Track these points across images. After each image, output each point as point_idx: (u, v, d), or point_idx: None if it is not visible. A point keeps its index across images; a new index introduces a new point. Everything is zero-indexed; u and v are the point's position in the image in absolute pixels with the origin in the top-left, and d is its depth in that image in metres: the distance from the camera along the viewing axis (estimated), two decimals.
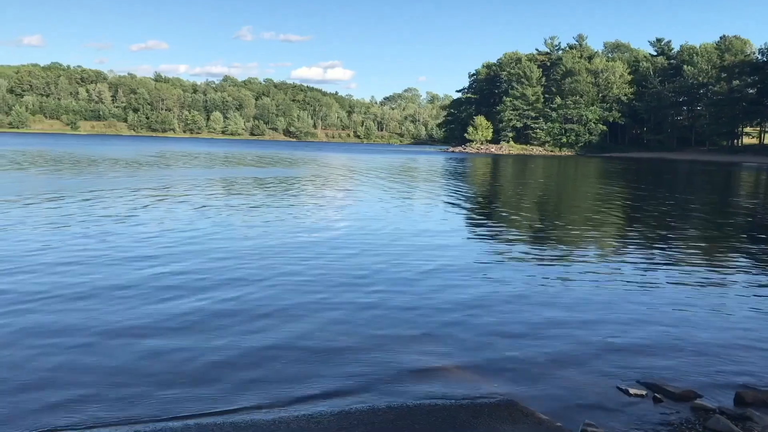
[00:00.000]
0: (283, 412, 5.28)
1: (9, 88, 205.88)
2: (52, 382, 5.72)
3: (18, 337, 6.82)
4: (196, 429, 4.96)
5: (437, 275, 10.40)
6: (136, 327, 7.26)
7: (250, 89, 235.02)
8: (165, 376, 5.91)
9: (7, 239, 12.64)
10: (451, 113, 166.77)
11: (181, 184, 27.44)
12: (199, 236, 13.54)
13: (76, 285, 9.00)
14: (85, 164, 40.70)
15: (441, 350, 6.86)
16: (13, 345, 6.59)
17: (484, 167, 60.60)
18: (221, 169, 41.98)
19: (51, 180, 27.78)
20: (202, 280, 9.51)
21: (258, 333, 7.20)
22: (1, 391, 5.50)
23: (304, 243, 13.17)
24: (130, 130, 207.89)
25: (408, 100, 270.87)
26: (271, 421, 5.13)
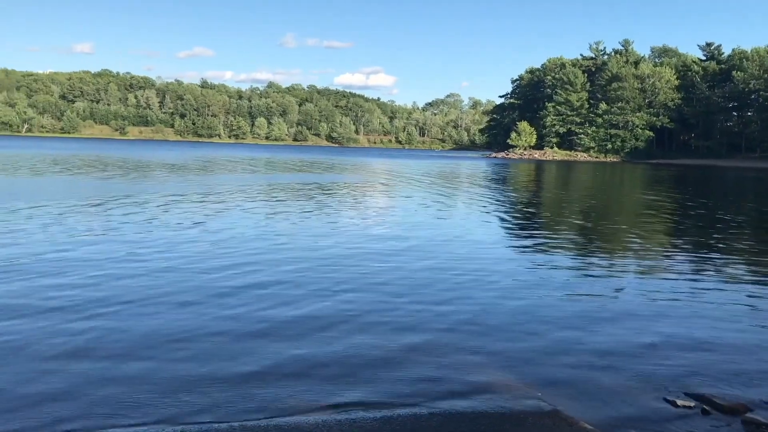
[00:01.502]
0: (327, 416, 5.31)
1: (61, 94, 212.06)
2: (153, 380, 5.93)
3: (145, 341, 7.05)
4: (240, 431, 5.04)
5: (479, 283, 10.36)
6: (208, 332, 7.41)
7: (293, 95, 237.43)
8: (217, 380, 6.03)
9: (104, 243, 12.96)
10: (494, 119, 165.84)
11: (238, 189, 27.85)
12: (265, 244, 13.70)
13: (167, 293, 9.14)
14: (146, 169, 41.74)
15: (484, 358, 6.84)
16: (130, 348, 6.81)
17: (528, 173, 60.09)
18: (270, 175, 42.46)
19: (120, 185, 28.49)
20: (270, 288, 9.62)
21: (309, 339, 7.27)
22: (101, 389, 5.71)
23: (355, 252, 13.23)
24: (177, 135, 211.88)
25: (450, 106, 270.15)
26: (314, 424, 5.16)
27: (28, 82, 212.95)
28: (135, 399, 5.55)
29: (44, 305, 8.16)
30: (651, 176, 60.28)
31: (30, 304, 8.23)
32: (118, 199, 21.77)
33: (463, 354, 6.94)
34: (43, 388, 5.70)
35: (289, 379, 6.08)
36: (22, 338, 6.94)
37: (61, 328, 7.30)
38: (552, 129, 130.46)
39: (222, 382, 5.95)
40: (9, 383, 5.77)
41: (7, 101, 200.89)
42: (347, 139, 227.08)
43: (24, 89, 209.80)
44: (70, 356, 6.49)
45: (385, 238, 14.80)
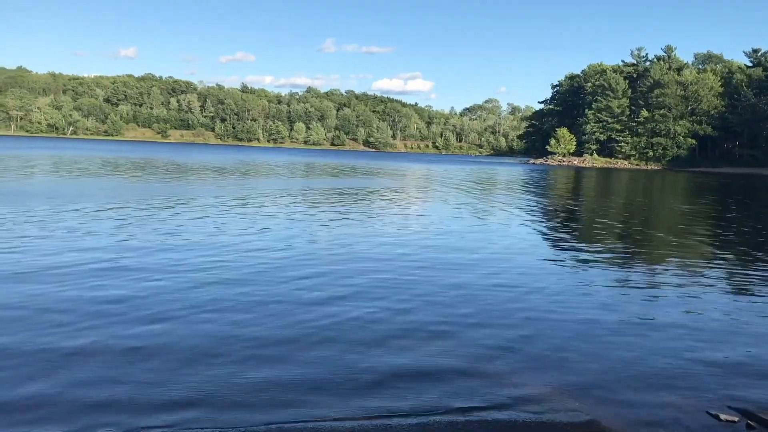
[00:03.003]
0: (364, 420, 5.39)
1: (105, 97, 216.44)
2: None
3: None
4: (277, 429, 5.16)
5: (516, 292, 10.39)
6: (278, 339, 7.61)
7: (332, 100, 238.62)
8: (269, 383, 6.22)
9: (180, 250, 13.28)
10: (533, 125, 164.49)
11: (288, 194, 28.20)
12: (321, 248, 13.99)
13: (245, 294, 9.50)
14: (194, 172, 42.46)
15: (522, 368, 6.86)
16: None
17: (568, 180, 59.49)
18: (313, 179, 42.84)
19: (175, 188, 29.08)
20: (326, 292, 9.85)
21: (357, 347, 7.41)
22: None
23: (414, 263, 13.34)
24: (217, 139, 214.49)
25: (488, 111, 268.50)
26: (350, 428, 5.25)
27: (74, 86, 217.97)
28: (203, 398, 5.78)
29: (138, 313, 8.37)
30: (694, 185, 59.21)
31: (136, 312, 8.52)
32: (181, 202, 22.40)
33: (501, 363, 6.96)
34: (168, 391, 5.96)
35: (330, 384, 6.20)
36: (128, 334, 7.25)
37: (174, 331, 7.61)
38: (592, 136, 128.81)
39: (270, 385, 6.13)
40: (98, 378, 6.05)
41: (53, 104, 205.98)
42: (384, 144, 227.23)
43: (70, 92, 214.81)
44: (192, 361, 6.75)
45: (446, 249, 14.81)
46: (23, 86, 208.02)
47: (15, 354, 6.66)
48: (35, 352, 6.75)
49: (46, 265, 10.90)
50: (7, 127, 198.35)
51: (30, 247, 12.57)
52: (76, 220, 16.52)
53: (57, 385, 5.91)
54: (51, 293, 9.05)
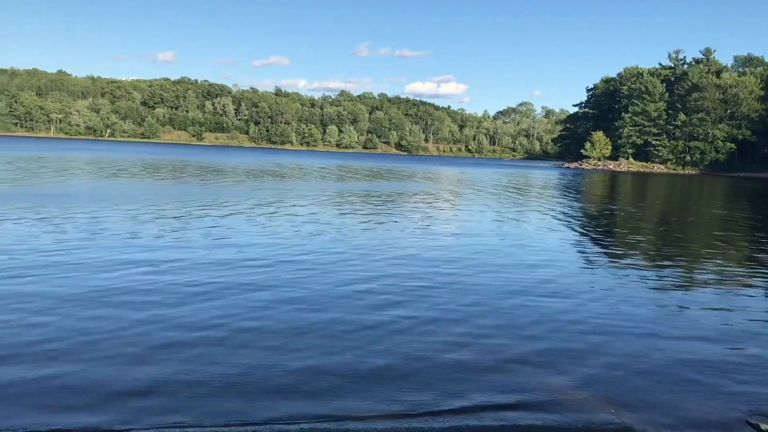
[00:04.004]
0: (395, 422, 5.40)
1: (142, 100, 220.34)
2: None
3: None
4: (308, 428, 5.18)
5: (553, 296, 10.31)
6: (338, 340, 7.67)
7: (364, 103, 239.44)
8: (298, 385, 6.25)
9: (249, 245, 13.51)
10: (567, 128, 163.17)
11: (323, 197, 28.44)
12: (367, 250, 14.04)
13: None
14: (235, 175, 43.01)
15: (556, 372, 6.80)
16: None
17: (604, 185, 58.82)
18: (349, 183, 43.08)
19: (219, 190, 29.52)
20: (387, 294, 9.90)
21: (391, 346, 7.43)
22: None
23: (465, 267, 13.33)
24: (251, 142, 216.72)
25: (522, 115, 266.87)
26: (383, 429, 5.26)
27: (111, 89, 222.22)
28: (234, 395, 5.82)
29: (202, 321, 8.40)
30: (733, 190, 58.05)
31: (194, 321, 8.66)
32: (226, 205, 22.74)
33: (534, 368, 6.91)
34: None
35: (378, 381, 6.26)
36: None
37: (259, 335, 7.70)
38: (628, 140, 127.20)
39: (333, 380, 6.18)
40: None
41: (92, 107, 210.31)
42: (416, 148, 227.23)
43: (108, 95, 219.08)
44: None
45: (489, 253, 14.74)
46: (63, 89, 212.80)
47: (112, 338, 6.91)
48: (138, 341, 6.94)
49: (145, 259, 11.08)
50: (47, 129, 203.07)
51: (130, 243, 13.08)
52: (131, 222, 16.84)
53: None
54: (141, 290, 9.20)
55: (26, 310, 8.12)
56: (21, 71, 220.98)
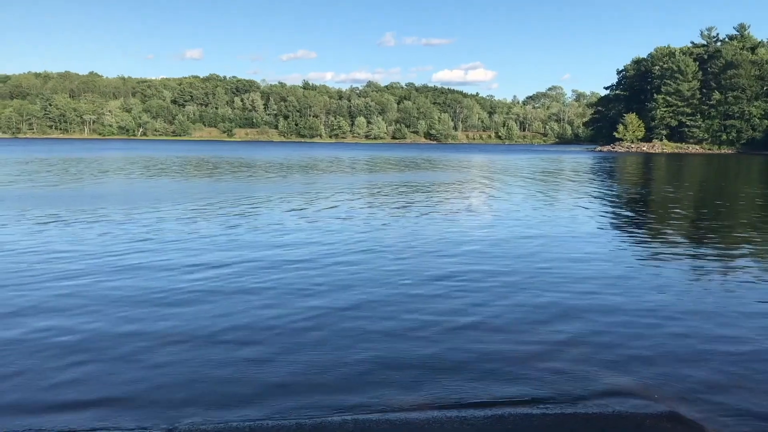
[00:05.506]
0: (437, 412, 5.41)
1: (173, 98, 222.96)
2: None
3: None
4: (353, 424, 5.20)
5: (590, 282, 10.22)
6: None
7: (392, 93, 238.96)
8: (350, 375, 6.32)
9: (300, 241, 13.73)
10: (599, 111, 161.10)
11: (359, 188, 28.58)
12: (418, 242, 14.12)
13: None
14: (270, 169, 43.40)
15: (597, 358, 6.76)
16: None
17: (638, 167, 57.99)
18: (379, 174, 43.16)
19: (258, 184, 29.87)
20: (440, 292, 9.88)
21: (439, 339, 7.44)
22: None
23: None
24: (281, 136, 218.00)
25: (552, 99, 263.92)
26: (425, 421, 5.25)
27: (142, 88, 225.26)
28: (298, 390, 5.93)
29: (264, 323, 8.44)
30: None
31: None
32: (270, 199, 23.00)
33: (576, 356, 6.84)
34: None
35: (429, 373, 6.26)
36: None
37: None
38: (662, 121, 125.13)
39: (349, 377, 6.23)
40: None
41: (123, 107, 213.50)
42: (445, 136, 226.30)
43: (139, 95, 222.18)
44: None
45: (527, 242, 14.72)
46: (95, 91, 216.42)
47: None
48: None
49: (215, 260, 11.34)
50: (80, 130, 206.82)
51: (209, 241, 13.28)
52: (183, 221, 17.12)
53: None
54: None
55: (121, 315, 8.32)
56: (54, 74, 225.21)
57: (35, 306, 8.32)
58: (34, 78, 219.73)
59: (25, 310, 8.15)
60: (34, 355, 6.58)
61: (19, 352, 6.66)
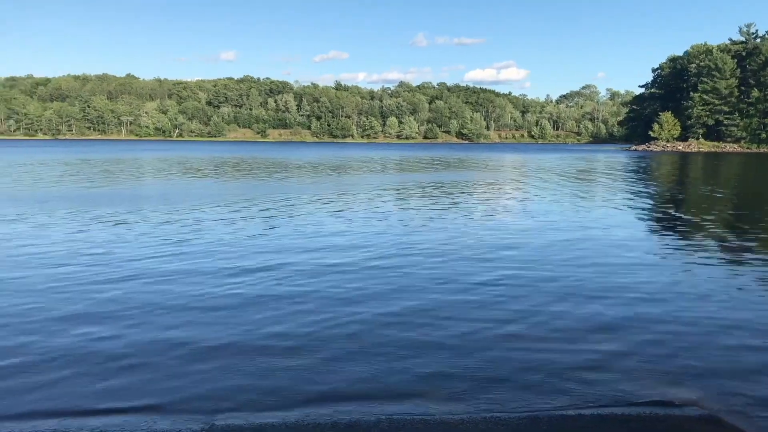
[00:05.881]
0: (472, 413, 5.45)
1: (208, 100, 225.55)
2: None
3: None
4: (387, 423, 5.23)
5: (634, 289, 10.02)
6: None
7: (424, 93, 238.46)
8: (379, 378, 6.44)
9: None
10: (633, 110, 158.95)
11: (395, 188, 28.74)
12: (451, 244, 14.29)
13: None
14: (307, 169, 43.79)
15: (637, 362, 6.71)
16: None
17: (674, 167, 57.14)
18: (413, 174, 43.21)
19: (297, 184, 30.32)
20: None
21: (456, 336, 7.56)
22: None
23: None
24: (313, 136, 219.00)
25: (586, 98, 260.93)
26: (459, 421, 5.28)
27: (178, 90, 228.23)
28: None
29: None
30: None
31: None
32: (309, 200, 23.24)
33: (623, 368, 6.69)
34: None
35: (495, 379, 6.30)
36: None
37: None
38: (698, 120, 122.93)
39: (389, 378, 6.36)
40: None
41: (160, 108, 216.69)
42: (478, 135, 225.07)
43: (175, 97, 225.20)
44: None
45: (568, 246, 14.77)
46: (132, 92, 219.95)
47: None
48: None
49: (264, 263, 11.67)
50: (118, 131, 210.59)
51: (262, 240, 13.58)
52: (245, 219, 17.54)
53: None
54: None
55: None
56: (92, 77, 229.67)
57: (79, 311, 8.47)
58: (74, 80, 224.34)
59: (70, 315, 8.30)
60: (76, 359, 6.74)
61: (64, 356, 6.78)
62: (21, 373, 6.28)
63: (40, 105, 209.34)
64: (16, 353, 6.81)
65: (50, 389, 5.95)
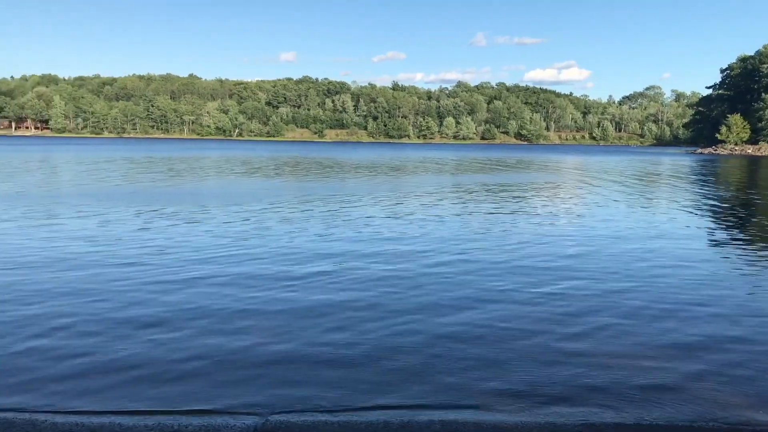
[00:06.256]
0: (527, 417, 5.34)
1: (267, 100, 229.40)
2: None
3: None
4: (439, 425, 5.13)
5: (709, 305, 9.50)
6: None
7: (482, 93, 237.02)
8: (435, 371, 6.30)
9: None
10: (700, 112, 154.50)
11: (454, 190, 28.63)
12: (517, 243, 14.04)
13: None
14: (366, 169, 44.15)
15: (717, 379, 6.42)
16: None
17: (743, 171, 55.08)
18: (471, 175, 42.97)
19: (358, 183, 30.55)
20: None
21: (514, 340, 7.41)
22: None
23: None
24: (369, 137, 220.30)
25: (650, 99, 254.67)
26: (513, 425, 5.17)
27: (238, 90, 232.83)
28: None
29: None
30: None
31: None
32: (380, 200, 23.42)
33: (692, 376, 6.49)
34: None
35: (552, 388, 6.15)
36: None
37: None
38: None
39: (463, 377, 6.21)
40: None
41: (221, 108, 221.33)
42: (537, 136, 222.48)
43: (235, 97, 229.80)
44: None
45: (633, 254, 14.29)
46: (194, 92, 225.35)
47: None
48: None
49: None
50: (180, 130, 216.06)
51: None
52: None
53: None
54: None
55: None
56: (156, 77, 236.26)
57: (142, 312, 8.57)
58: (138, 80, 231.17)
59: (133, 316, 8.41)
60: (139, 360, 6.84)
61: (126, 357, 6.87)
62: (81, 375, 6.32)
63: (107, 104, 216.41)
64: (80, 354, 6.85)
65: (110, 390, 5.97)
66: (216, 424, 5.12)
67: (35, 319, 8.00)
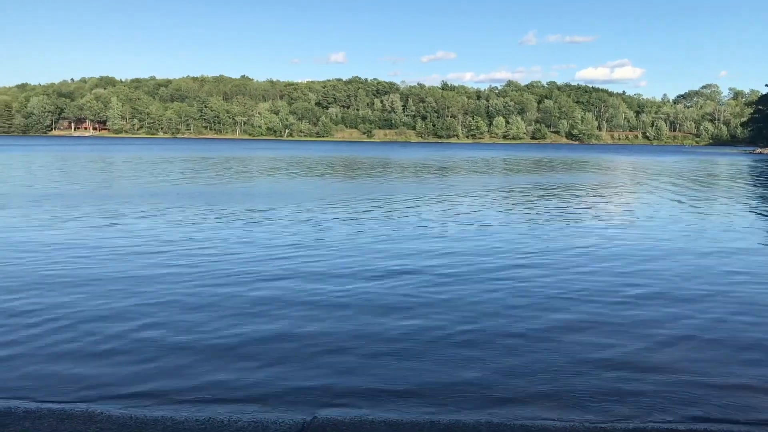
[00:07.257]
0: (571, 423, 5.33)
1: (317, 101, 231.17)
2: None
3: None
4: (486, 427, 5.14)
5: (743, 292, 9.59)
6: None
7: (532, 93, 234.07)
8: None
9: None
10: (759, 110, 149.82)
11: (506, 190, 28.74)
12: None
13: None
14: (419, 169, 44.46)
15: (750, 372, 6.48)
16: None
17: None
18: (524, 175, 42.82)
19: (410, 183, 31.01)
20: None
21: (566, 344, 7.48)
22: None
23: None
24: (418, 137, 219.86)
25: (706, 98, 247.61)
26: (560, 428, 5.17)
27: (289, 91, 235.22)
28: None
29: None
30: None
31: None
32: (433, 201, 23.71)
33: (726, 366, 6.62)
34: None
35: (583, 392, 6.15)
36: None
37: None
38: None
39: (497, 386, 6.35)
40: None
41: (272, 109, 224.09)
42: (588, 136, 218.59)
43: (286, 97, 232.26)
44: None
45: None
46: (246, 93, 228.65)
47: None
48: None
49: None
50: (232, 131, 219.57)
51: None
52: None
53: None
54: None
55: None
56: (209, 78, 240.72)
57: (202, 305, 8.99)
58: (192, 82, 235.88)
59: (194, 306, 8.88)
60: (195, 350, 7.14)
61: (182, 348, 7.18)
62: (144, 362, 6.71)
63: (161, 105, 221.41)
64: (141, 343, 7.28)
65: (161, 379, 6.29)
66: (264, 420, 5.24)
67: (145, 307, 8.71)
